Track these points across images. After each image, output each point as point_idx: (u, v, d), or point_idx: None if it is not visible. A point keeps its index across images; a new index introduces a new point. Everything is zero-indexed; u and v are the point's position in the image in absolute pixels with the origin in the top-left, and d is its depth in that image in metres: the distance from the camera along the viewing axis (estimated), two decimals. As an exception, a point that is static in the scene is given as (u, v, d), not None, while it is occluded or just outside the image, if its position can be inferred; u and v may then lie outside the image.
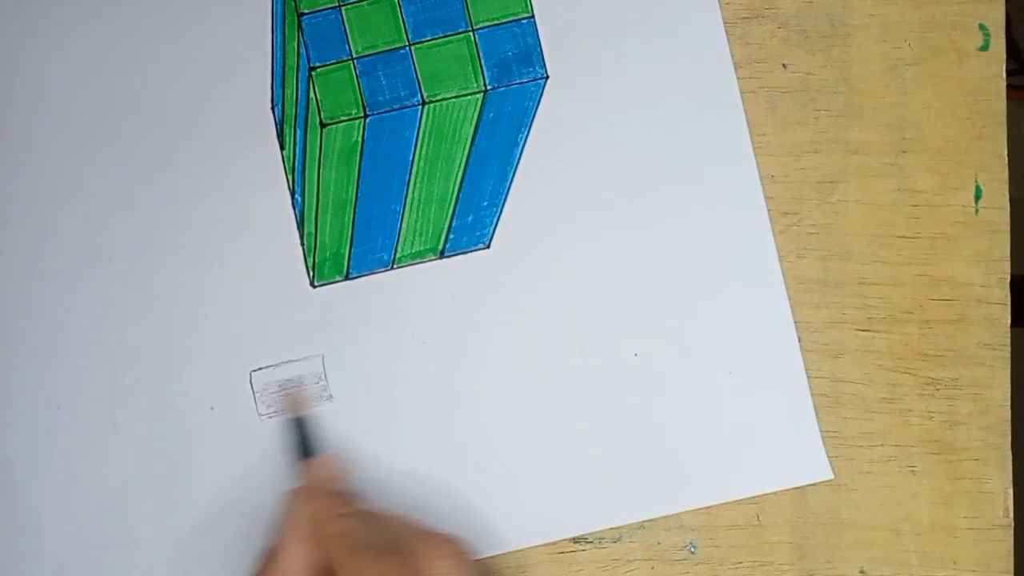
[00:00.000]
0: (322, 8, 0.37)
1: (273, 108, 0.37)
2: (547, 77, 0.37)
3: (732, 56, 0.38)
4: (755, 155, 0.38)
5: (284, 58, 0.37)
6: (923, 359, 0.38)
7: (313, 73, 0.37)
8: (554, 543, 0.38)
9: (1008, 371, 0.38)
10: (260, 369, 0.37)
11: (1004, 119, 0.39)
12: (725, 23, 0.38)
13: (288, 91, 0.37)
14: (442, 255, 0.38)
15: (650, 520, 0.38)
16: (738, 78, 0.38)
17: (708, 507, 0.38)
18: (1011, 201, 0.39)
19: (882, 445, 0.38)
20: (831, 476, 0.38)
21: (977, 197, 0.39)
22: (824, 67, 0.39)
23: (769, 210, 0.38)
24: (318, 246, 0.38)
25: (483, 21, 0.37)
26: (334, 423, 0.37)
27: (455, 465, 0.37)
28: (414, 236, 0.38)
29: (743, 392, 0.38)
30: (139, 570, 0.37)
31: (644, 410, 0.38)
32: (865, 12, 0.39)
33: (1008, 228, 0.38)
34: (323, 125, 0.37)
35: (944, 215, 0.39)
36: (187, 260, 0.37)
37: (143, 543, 0.37)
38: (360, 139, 0.37)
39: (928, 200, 0.39)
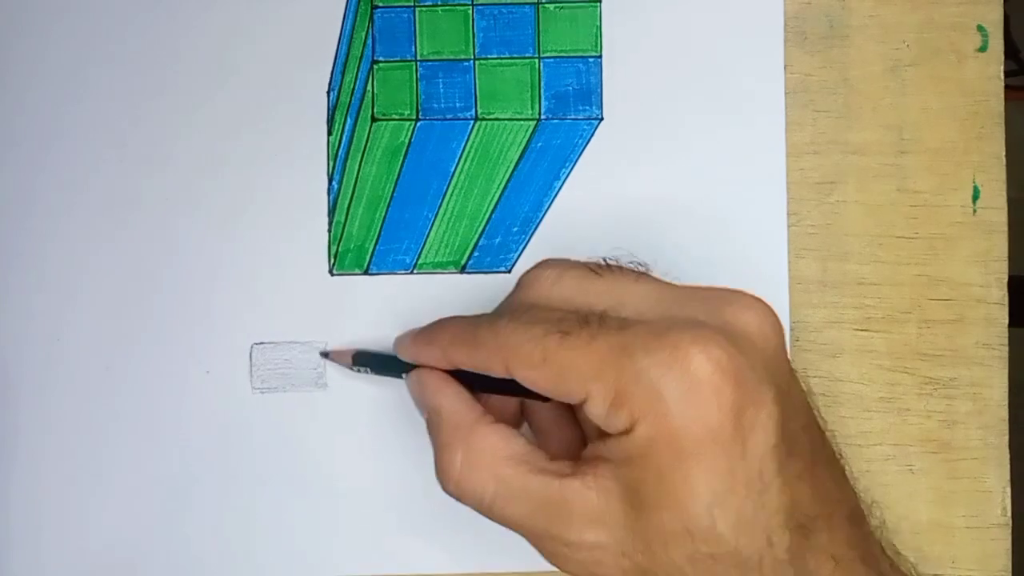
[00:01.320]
0: (396, 5, 0.38)
1: (329, 92, 0.38)
2: (601, 119, 0.38)
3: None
4: (754, 156, 0.38)
5: (349, 46, 0.38)
6: (921, 359, 0.39)
7: (375, 66, 0.37)
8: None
9: (1006, 371, 0.39)
10: (262, 344, 0.38)
11: (1002, 120, 0.39)
12: (724, 25, 0.39)
13: (347, 79, 0.38)
14: (463, 270, 0.38)
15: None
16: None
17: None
18: (1009, 201, 0.39)
19: (880, 444, 0.38)
20: None
21: (975, 197, 0.39)
22: (823, 68, 0.39)
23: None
24: (344, 236, 0.38)
25: (551, 51, 0.38)
26: (324, 412, 0.38)
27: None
28: (440, 246, 0.38)
29: None
30: (128, 533, 0.38)
31: None
32: (864, 13, 0.39)
33: (1006, 228, 0.39)
34: (374, 119, 0.37)
35: (942, 215, 0.39)
36: (213, 221, 0.38)
37: (134, 507, 0.38)
38: (407, 140, 0.37)
39: (927, 200, 0.39)
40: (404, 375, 0.33)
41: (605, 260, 0.30)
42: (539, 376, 0.28)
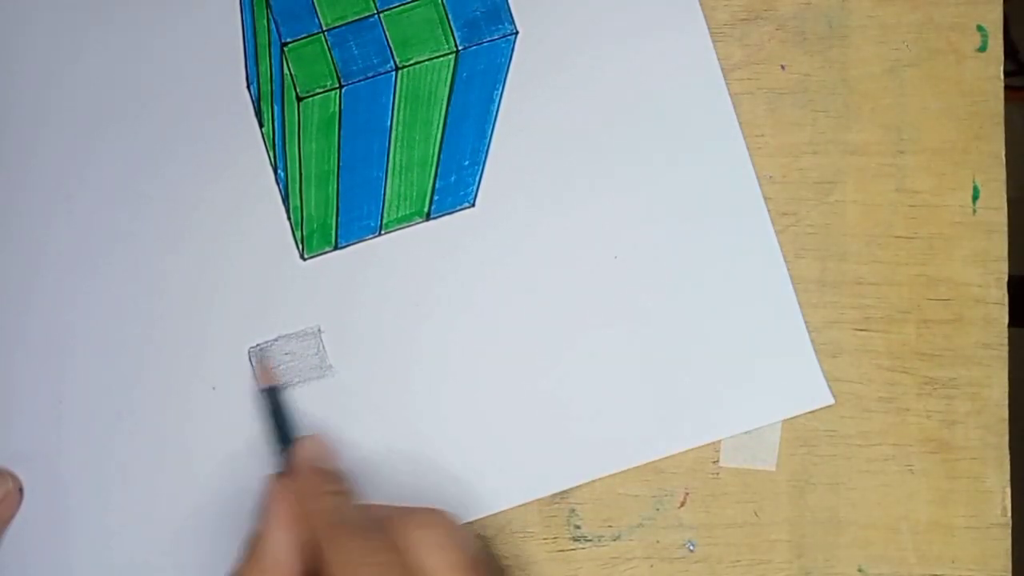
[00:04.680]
0: None
1: (248, 87, 0.38)
2: (517, 32, 0.38)
3: (731, 57, 0.39)
4: (753, 156, 0.38)
5: (255, 36, 0.38)
6: (921, 359, 0.39)
7: (285, 48, 0.37)
8: (553, 540, 0.38)
9: (1006, 371, 0.39)
10: (258, 345, 0.38)
11: (1002, 120, 0.39)
12: (723, 25, 0.39)
13: (262, 68, 0.38)
14: (428, 217, 0.39)
15: (649, 519, 0.38)
16: (728, 80, 0.39)
17: (707, 506, 0.38)
18: (1009, 201, 0.39)
19: (880, 444, 0.39)
20: (832, 401, 0.38)
21: (975, 197, 0.39)
22: (822, 68, 0.39)
23: (768, 211, 0.38)
24: (305, 219, 0.38)
25: None
26: (334, 393, 0.38)
27: (455, 424, 0.38)
28: (399, 201, 0.38)
29: (735, 323, 0.38)
30: (147, 556, 0.37)
31: (637, 350, 0.38)
32: (863, 13, 0.39)
33: (1006, 228, 0.39)
34: (299, 99, 0.37)
35: (942, 215, 0.39)
36: (177, 245, 0.38)
37: (151, 529, 0.37)
38: (337, 110, 0.37)
39: (926, 200, 0.39)
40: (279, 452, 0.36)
41: None
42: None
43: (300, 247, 0.38)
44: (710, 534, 0.38)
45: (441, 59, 0.37)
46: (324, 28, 0.37)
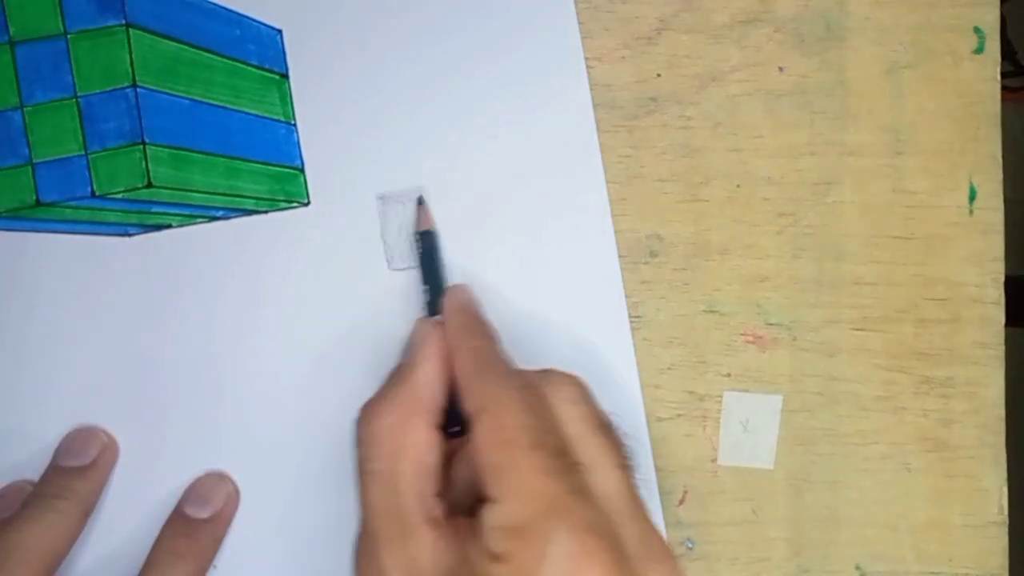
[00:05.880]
0: None
1: None
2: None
3: (729, 59, 0.39)
4: (751, 157, 0.39)
5: None
6: (918, 358, 0.39)
7: None
8: (553, 538, 0.38)
9: (1002, 370, 0.39)
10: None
11: (998, 120, 0.39)
12: (721, 27, 0.39)
13: None
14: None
15: (648, 516, 0.38)
16: (727, 82, 0.39)
17: (705, 504, 0.39)
18: (1005, 202, 0.39)
19: (877, 443, 0.39)
20: None
21: (972, 198, 0.39)
22: (820, 70, 0.39)
23: (766, 211, 0.39)
24: None
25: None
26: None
27: None
28: None
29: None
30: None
31: None
32: (861, 15, 0.39)
33: (1002, 229, 0.39)
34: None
35: (939, 216, 0.39)
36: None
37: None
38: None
39: (923, 201, 0.39)
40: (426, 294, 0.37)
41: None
42: (490, 455, 0.29)
43: None
44: (708, 532, 0.39)
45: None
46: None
